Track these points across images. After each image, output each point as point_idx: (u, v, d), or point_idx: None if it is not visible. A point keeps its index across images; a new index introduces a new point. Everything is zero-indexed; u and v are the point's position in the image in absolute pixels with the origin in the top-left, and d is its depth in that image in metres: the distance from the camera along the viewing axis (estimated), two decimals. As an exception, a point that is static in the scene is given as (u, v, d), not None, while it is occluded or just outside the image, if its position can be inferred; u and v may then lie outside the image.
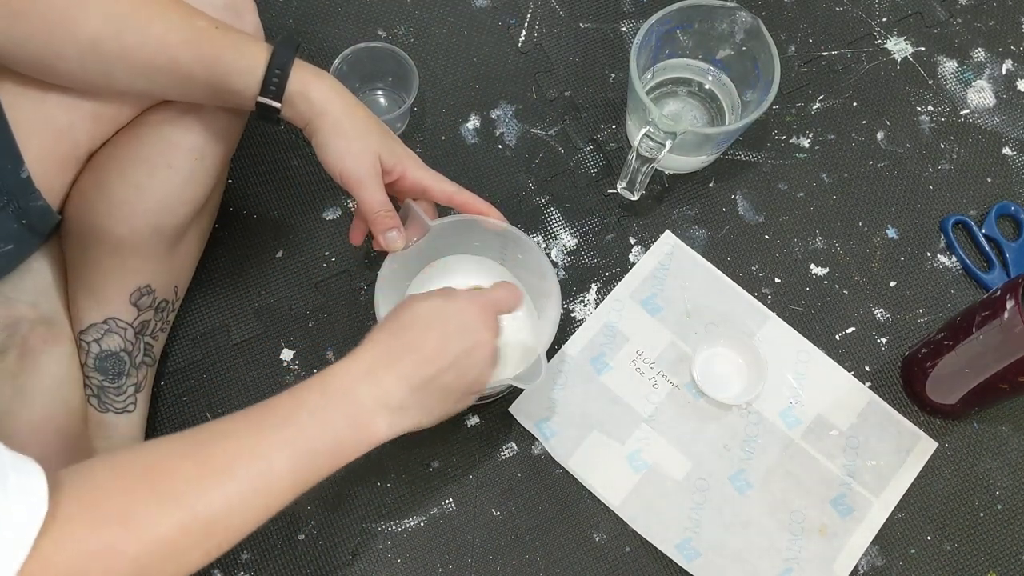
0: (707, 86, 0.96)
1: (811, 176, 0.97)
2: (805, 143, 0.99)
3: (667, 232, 0.94)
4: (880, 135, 0.99)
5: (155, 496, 0.51)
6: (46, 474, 0.48)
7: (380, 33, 1.01)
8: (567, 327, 0.89)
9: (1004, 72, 1.03)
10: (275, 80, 0.68)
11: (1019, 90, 1.02)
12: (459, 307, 0.66)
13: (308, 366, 0.88)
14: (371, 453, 0.84)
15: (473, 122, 0.98)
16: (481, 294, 0.70)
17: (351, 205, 0.93)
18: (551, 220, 0.94)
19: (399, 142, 0.76)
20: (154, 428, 0.83)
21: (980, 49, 1.03)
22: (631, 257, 0.93)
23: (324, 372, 0.60)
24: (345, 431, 0.58)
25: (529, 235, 0.89)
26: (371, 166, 0.72)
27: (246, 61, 0.67)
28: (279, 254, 0.92)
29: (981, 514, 0.86)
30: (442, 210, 0.84)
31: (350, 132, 0.71)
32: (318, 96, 0.70)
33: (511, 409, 0.86)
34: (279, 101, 0.69)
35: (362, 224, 0.79)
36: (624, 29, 1.03)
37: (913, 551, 0.84)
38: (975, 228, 0.95)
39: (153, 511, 0.50)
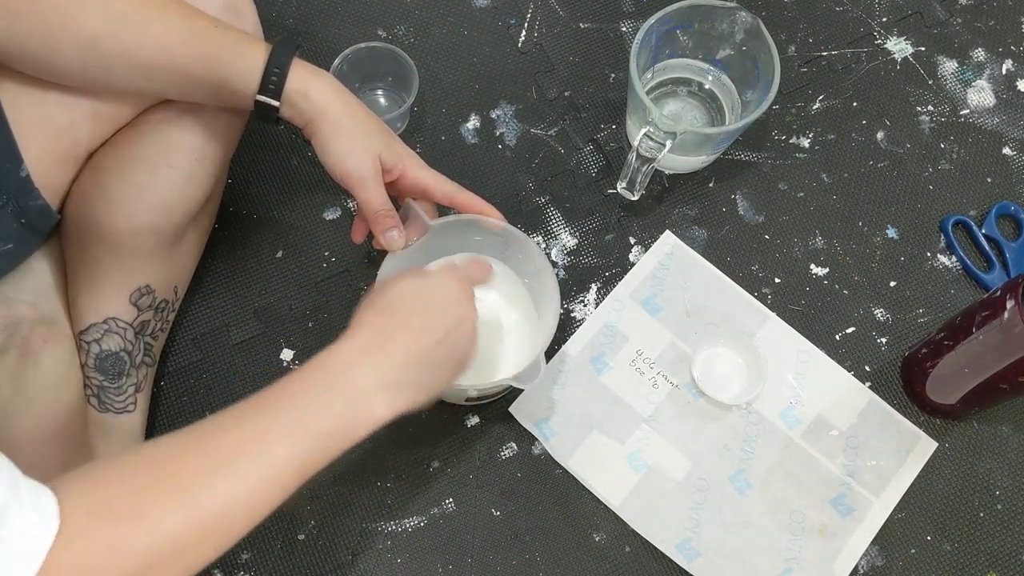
0: (707, 86, 0.96)
1: (811, 176, 0.97)
2: (805, 143, 0.99)
3: (667, 232, 0.94)
4: (880, 135, 0.99)
5: (162, 491, 0.51)
6: (53, 485, 0.48)
7: (380, 33, 1.01)
8: (567, 327, 0.89)
9: (1004, 72, 1.03)
10: (274, 79, 0.68)
11: (1019, 90, 1.02)
12: (439, 283, 0.67)
13: (308, 366, 0.88)
14: (371, 453, 0.84)
15: (473, 122, 0.98)
16: (455, 270, 0.70)
17: (351, 205, 0.93)
18: (551, 220, 0.94)
19: (399, 141, 0.76)
20: (154, 428, 0.83)
21: (980, 49, 1.03)
22: (631, 257, 0.93)
23: (318, 357, 0.60)
24: (345, 414, 0.58)
25: (529, 235, 0.89)
26: (371, 166, 0.72)
27: (245, 60, 0.67)
28: (279, 254, 0.92)
29: (981, 514, 0.86)
30: (442, 210, 0.84)
31: (350, 132, 0.71)
32: (318, 95, 0.70)
33: (511, 409, 0.86)
34: (278, 100, 0.69)
35: (364, 223, 0.79)
36: (624, 29, 1.03)
37: (913, 551, 0.84)
38: (975, 228, 0.95)
39: (161, 506, 0.50)
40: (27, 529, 0.45)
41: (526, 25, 1.02)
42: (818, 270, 0.93)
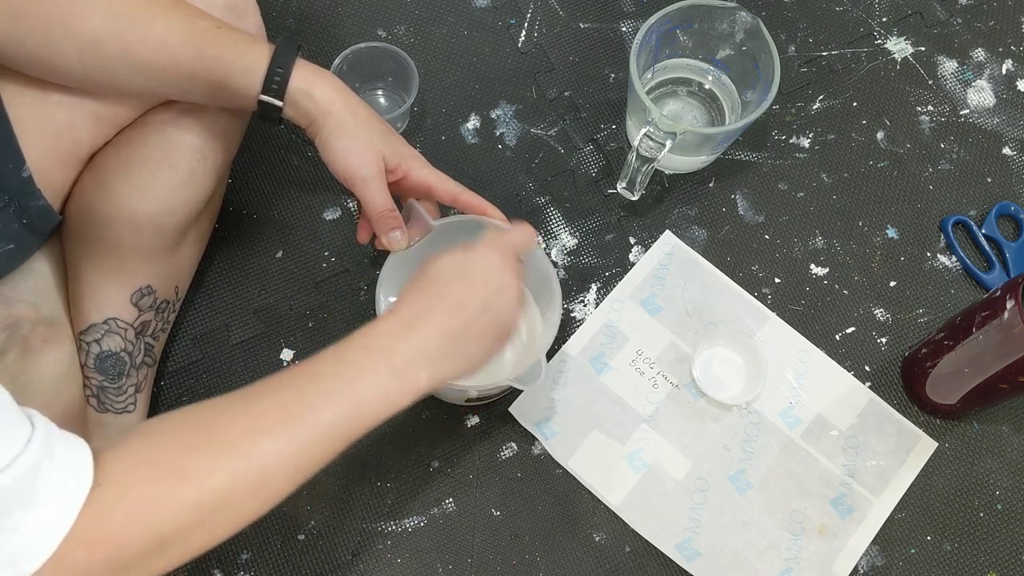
0: (707, 86, 0.96)
1: (811, 176, 0.97)
2: (805, 143, 0.99)
3: (667, 232, 0.94)
4: (880, 135, 0.99)
5: (210, 448, 0.52)
6: (97, 446, 0.50)
7: (380, 33, 1.01)
8: (567, 327, 0.89)
9: (1004, 72, 1.03)
10: (276, 79, 0.68)
11: (1019, 90, 1.02)
12: (480, 255, 0.66)
13: (308, 366, 0.88)
14: (371, 453, 0.84)
15: (473, 122, 0.98)
16: (499, 238, 0.69)
17: (351, 205, 0.93)
18: (551, 220, 0.94)
19: (403, 141, 0.76)
20: (154, 428, 0.83)
21: (980, 49, 1.04)
22: (631, 257, 0.93)
23: (363, 329, 0.60)
24: (389, 383, 0.58)
25: (529, 235, 0.89)
26: (374, 166, 0.72)
27: (247, 60, 0.67)
28: (279, 254, 0.92)
29: (981, 514, 0.86)
30: (444, 210, 0.84)
31: (353, 131, 0.71)
32: (320, 95, 0.70)
33: (511, 409, 0.86)
34: (281, 100, 0.69)
35: (368, 224, 0.79)
36: (624, 29, 1.03)
37: (913, 551, 0.84)
38: (975, 228, 0.95)
39: (208, 462, 0.52)
40: (63, 485, 0.47)
41: (526, 25, 1.02)
42: (818, 270, 0.94)
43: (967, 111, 1.01)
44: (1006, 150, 0.99)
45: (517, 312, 0.68)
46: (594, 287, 0.92)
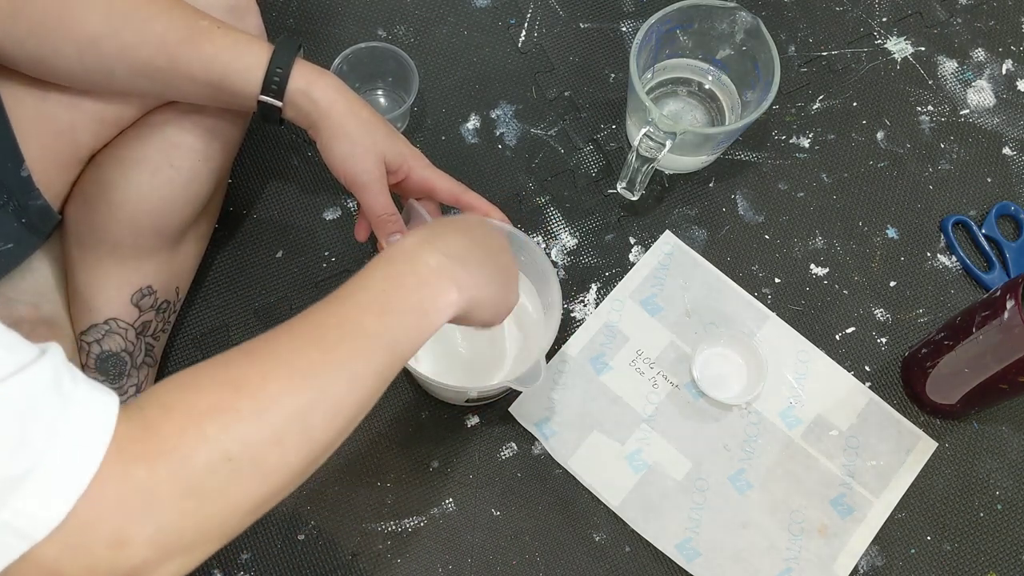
0: (707, 86, 0.96)
1: (811, 176, 0.97)
2: (805, 143, 0.99)
3: (667, 232, 0.94)
4: (880, 135, 0.99)
5: (256, 364, 0.49)
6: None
7: (380, 33, 1.01)
8: (567, 327, 0.89)
9: (1004, 72, 1.03)
10: (276, 79, 0.68)
11: (1019, 90, 1.02)
12: (472, 218, 0.68)
13: (308, 366, 0.88)
14: (371, 453, 0.84)
15: (473, 122, 0.98)
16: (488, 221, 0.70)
17: (351, 205, 0.93)
18: (551, 220, 0.94)
19: (404, 141, 0.76)
20: (154, 428, 0.83)
21: (980, 49, 1.04)
22: (631, 257, 0.93)
23: (380, 255, 0.59)
24: (421, 291, 0.57)
25: (529, 235, 0.89)
26: (375, 168, 0.72)
27: (247, 60, 0.67)
28: (279, 254, 0.92)
29: (981, 514, 0.86)
30: (444, 210, 0.84)
31: (354, 133, 0.71)
32: (321, 96, 0.69)
33: (511, 409, 0.86)
34: (281, 100, 0.69)
35: (367, 222, 0.79)
36: (624, 29, 1.03)
37: (913, 551, 0.84)
38: (975, 228, 0.95)
39: (258, 377, 0.48)
40: (91, 394, 0.43)
41: (526, 25, 1.02)
42: (818, 270, 0.94)
43: (967, 111, 1.01)
44: (1006, 150, 0.99)
45: (515, 270, 0.68)
46: (594, 287, 0.92)
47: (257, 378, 0.48)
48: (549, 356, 0.87)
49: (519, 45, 1.01)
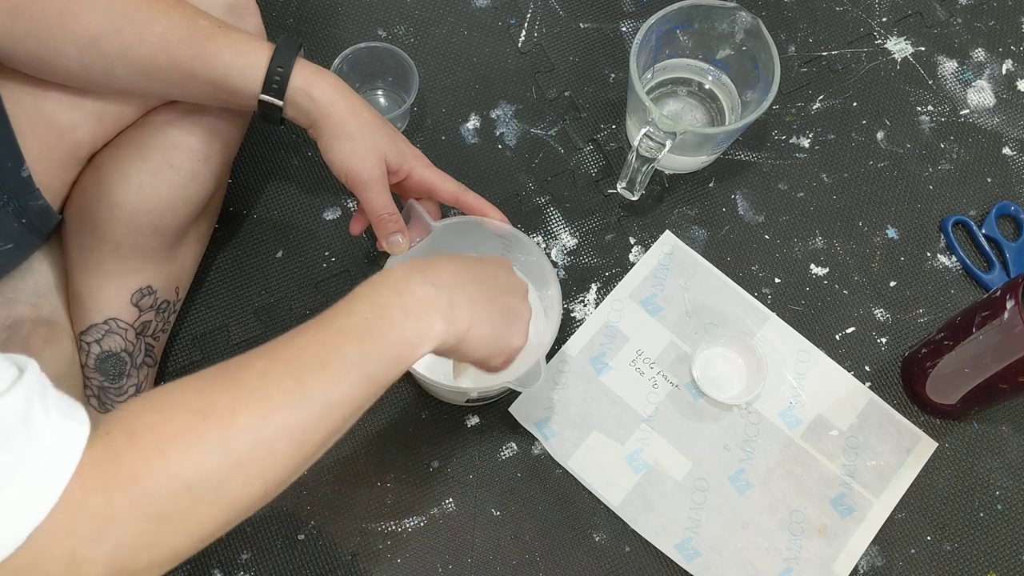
0: (707, 86, 0.96)
1: (811, 176, 0.97)
2: (805, 143, 0.99)
3: (667, 232, 0.94)
4: (880, 135, 0.99)
5: (226, 391, 0.49)
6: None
7: (380, 33, 1.01)
8: (567, 327, 0.89)
9: (1004, 72, 1.03)
10: (277, 79, 0.68)
11: (1019, 90, 1.02)
12: (486, 260, 0.67)
13: (308, 366, 0.88)
14: (371, 453, 0.84)
15: (473, 122, 0.98)
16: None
17: (351, 205, 0.93)
18: (551, 220, 0.94)
19: (405, 141, 0.76)
20: (154, 428, 0.83)
21: (980, 49, 1.04)
22: (631, 257, 0.93)
23: (366, 281, 0.59)
24: (405, 323, 0.57)
25: (529, 235, 0.89)
26: (376, 168, 0.72)
27: (248, 59, 0.67)
28: (279, 254, 0.92)
29: (981, 514, 0.86)
30: (444, 209, 0.84)
31: (356, 133, 0.71)
32: (321, 95, 0.70)
33: (511, 409, 0.86)
34: (281, 99, 0.69)
35: (363, 217, 0.79)
36: (624, 29, 1.03)
37: (913, 551, 0.84)
38: (975, 228, 0.95)
39: (228, 402, 0.49)
40: (60, 425, 0.44)
41: (526, 25, 1.02)
42: (818, 270, 0.94)
43: (967, 111, 1.01)
44: (1006, 150, 0.99)
45: (526, 308, 0.67)
46: (594, 287, 0.92)
47: (227, 406, 0.48)
48: (549, 356, 0.87)
49: (519, 45, 1.01)
